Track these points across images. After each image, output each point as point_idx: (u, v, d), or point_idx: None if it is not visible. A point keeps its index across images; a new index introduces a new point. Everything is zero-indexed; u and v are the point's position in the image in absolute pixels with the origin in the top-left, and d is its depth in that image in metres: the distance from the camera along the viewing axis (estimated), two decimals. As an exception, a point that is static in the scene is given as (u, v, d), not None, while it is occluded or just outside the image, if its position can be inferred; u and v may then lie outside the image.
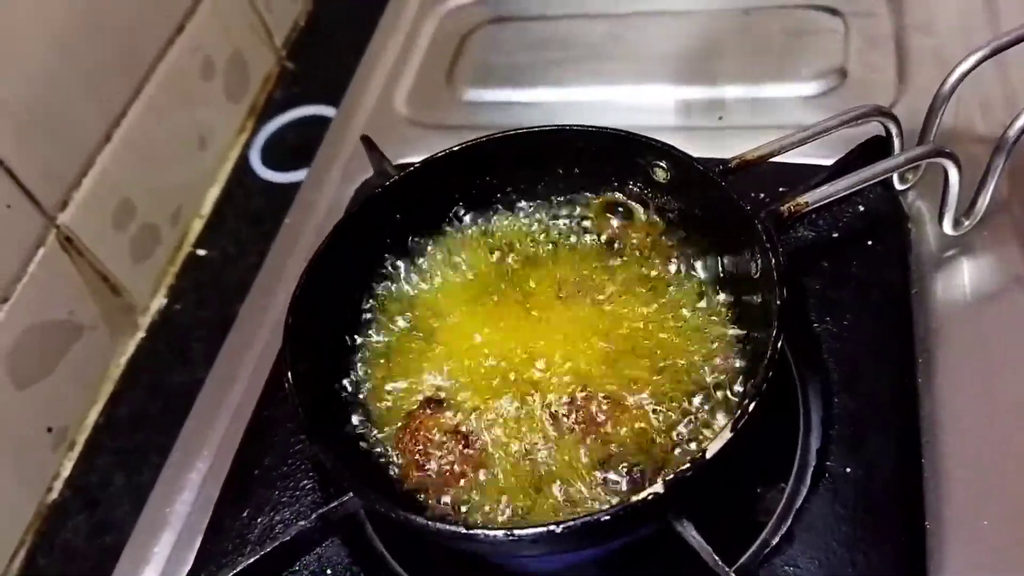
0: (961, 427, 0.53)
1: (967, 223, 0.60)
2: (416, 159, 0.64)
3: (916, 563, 0.47)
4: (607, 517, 0.41)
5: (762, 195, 0.63)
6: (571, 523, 0.41)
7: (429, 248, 0.64)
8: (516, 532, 0.41)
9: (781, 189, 0.60)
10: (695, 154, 0.58)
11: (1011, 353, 0.55)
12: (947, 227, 0.60)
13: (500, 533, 0.41)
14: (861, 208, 0.62)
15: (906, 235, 0.62)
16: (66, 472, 0.70)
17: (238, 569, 0.50)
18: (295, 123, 0.91)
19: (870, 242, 0.60)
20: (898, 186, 0.64)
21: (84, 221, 0.71)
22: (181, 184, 0.84)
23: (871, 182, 0.53)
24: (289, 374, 0.51)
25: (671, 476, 0.42)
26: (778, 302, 0.46)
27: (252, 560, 0.50)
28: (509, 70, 0.86)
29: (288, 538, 0.51)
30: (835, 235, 0.61)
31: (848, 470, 0.50)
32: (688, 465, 0.42)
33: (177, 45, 0.81)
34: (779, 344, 0.45)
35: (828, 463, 0.51)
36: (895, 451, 0.51)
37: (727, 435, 0.42)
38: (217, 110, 0.88)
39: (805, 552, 0.48)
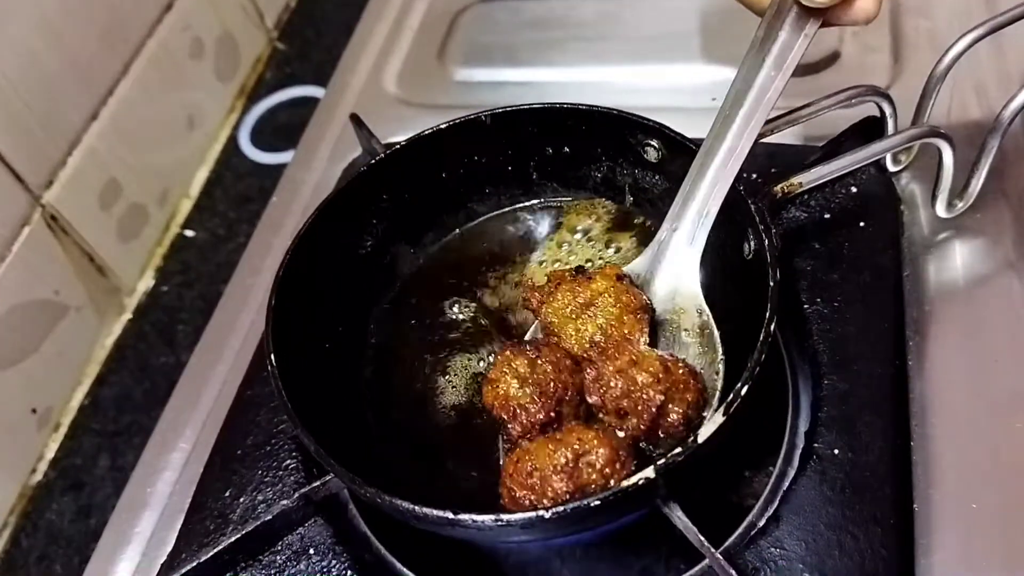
0: (952, 410, 0.52)
1: (960, 205, 0.59)
2: (406, 138, 0.63)
3: (904, 546, 0.47)
4: (597, 502, 0.40)
5: (755, 175, 0.62)
6: (560, 509, 0.40)
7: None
8: (504, 517, 0.41)
9: (774, 170, 0.59)
10: (687, 134, 0.57)
11: (1003, 336, 0.55)
12: (940, 209, 0.59)
13: (488, 518, 0.41)
14: (854, 189, 0.61)
15: (899, 217, 0.61)
16: (51, 454, 0.70)
17: (219, 548, 0.50)
18: (285, 104, 0.90)
19: (862, 224, 0.60)
20: (891, 168, 0.63)
21: (70, 200, 0.70)
22: (169, 164, 0.83)
23: (865, 162, 0.53)
24: (272, 356, 0.51)
25: (662, 462, 0.41)
26: (771, 284, 0.46)
27: (234, 539, 0.50)
28: (501, 49, 0.85)
29: (270, 517, 0.50)
30: (827, 216, 0.61)
31: (836, 452, 0.50)
32: (679, 450, 0.41)
33: (165, 23, 0.81)
34: (772, 327, 0.44)
35: (816, 445, 0.50)
36: (884, 433, 0.50)
37: (719, 419, 0.42)
38: (206, 90, 0.88)
39: (792, 534, 0.47)
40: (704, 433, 0.41)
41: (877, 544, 0.46)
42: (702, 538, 0.44)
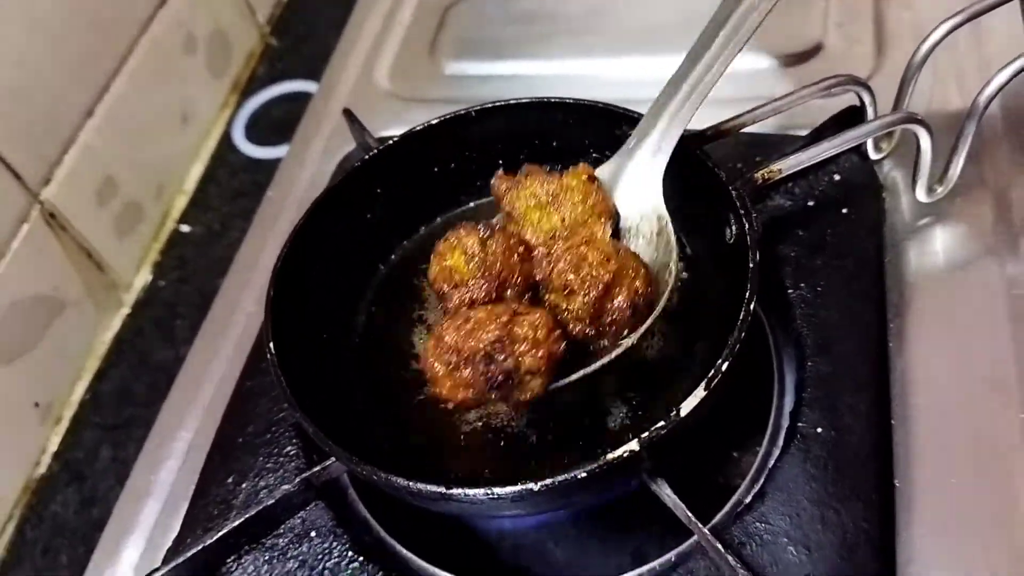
0: (932, 389, 0.54)
1: (940, 190, 0.61)
2: (398, 132, 0.64)
3: (885, 519, 0.49)
4: (584, 475, 0.42)
5: (740, 164, 0.63)
6: (549, 482, 0.42)
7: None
8: (495, 490, 0.42)
9: (758, 158, 0.61)
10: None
11: (982, 318, 0.56)
12: (920, 194, 0.61)
13: (480, 492, 0.42)
14: (837, 177, 0.63)
15: (880, 203, 0.62)
16: (53, 447, 0.71)
17: (223, 532, 0.51)
18: (278, 99, 0.91)
19: (845, 210, 0.61)
20: (873, 156, 0.64)
21: (67, 197, 0.71)
22: (164, 160, 0.84)
23: (843, 149, 0.54)
24: (271, 345, 0.52)
25: (645, 435, 0.43)
26: (751, 265, 0.47)
27: (237, 523, 0.52)
28: (491, 43, 0.86)
29: (272, 502, 0.52)
30: (811, 204, 0.62)
31: (819, 431, 0.51)
32: (662, 423, 0.43)
33: (159, 20, 0.81)
34: (751, 306, 0.46)
35: (800, 424, 0.52)
36: (865, 412, 0.52)
37: (701, 393, 0.43)
38: (200, 86, 0.88)
39: (776, 510, 0.49)
40: (687, 407, 0.43)
41: (859, 518, 0.48)
42: (689, 514, 0.46)
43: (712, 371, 0.44)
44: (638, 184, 0.53)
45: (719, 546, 0.46)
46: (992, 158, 0.63)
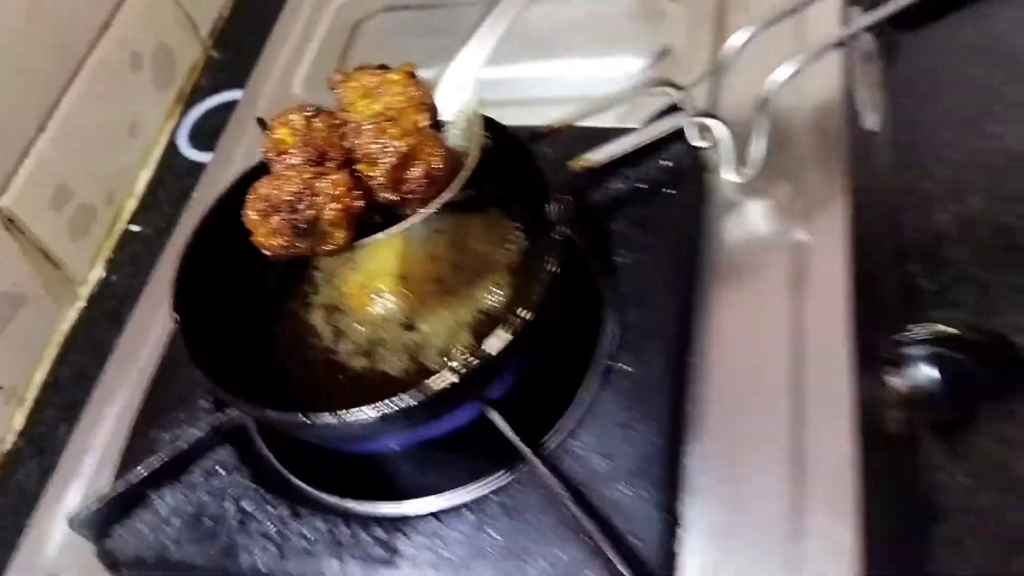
0: (724, 337, 0.64)
1: (749, 171, 0.71)
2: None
3: (675, 435, 0.60)
4: (413, 403, 0.53)
5: (584, 153, 0.73)
6: (385, 408, 0.52)
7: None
8: (340, 415, 0.52)
9: (595, 148, 0.71)
10: (531, 123, 0.70)
11: (769, 278, 0.66)
12: (727, 176, 0.71)
13: (329, 417, 0.53)
14: (668, 163, 0.73)
15: (702, 185, 0.72)
16: (18, 425, 0.78)
17: (145, 474, 0.62)
18: (219, 107, 0.99)
19: (671, 191, 0.71)
20: (700, 144, 0.73)
21: (24, 204, 0.79)
22: (114, 168, 0.92)
23: (647, 142, 0.65)
24: (176, 315, 0.62)
25: (464, 370, 0.54)
26: (555, 237, 0.58)
27: (157, 465, 0.62)
28: (400, 55, 0.92)
29: (186, 446, 0.63)
30: (642, 186, 0.72)
31: (630, 368, 0.62)
32: (477, 360, 0.54)
33: (105, 40, 0.89)
34: (550, 271, 0.56)
35: (617, 364, 0.63)
36: (666, 354, 0.62)
37: (507, 336, 0.54)
38: (146, 99, 0.96)
39: (590, 432, 0.60)
40: (494, 346, 0.54)
41: (654, 435, 0.59)
42: (515, 437, 0.57)
43: (518, 320, 0.55)
44: (457, 82, 0.61)
45: (537, 461, 0.57)
46: (791, 141, 0.73)
